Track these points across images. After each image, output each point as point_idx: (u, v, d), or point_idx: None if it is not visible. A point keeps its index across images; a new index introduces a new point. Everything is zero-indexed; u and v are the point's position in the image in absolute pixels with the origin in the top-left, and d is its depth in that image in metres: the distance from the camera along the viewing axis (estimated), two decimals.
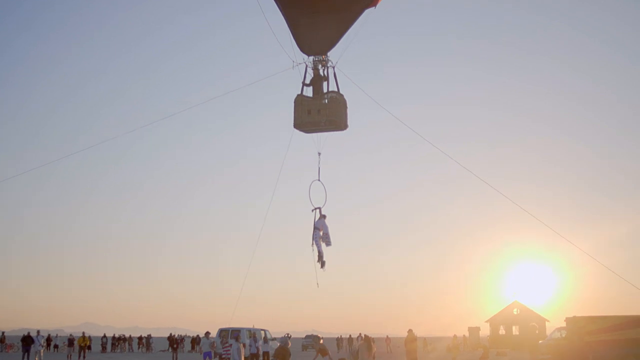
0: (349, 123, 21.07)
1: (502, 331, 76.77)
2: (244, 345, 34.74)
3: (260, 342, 37.82)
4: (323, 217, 20.37)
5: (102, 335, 67.88)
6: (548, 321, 75.85)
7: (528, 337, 73.68)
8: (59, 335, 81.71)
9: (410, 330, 28.56)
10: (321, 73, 21.14)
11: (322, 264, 20.02)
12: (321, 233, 20.32)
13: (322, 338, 59.44)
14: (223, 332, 37.98)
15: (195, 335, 73.82)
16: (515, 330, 75.62)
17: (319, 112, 20.71)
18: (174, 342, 51.24)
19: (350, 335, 66.92)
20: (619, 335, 35.10)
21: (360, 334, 68.25)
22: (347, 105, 21.14)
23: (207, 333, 33.51)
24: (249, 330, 40.24)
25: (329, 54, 21.20)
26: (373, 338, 28.39)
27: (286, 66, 21.37)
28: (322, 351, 27.23)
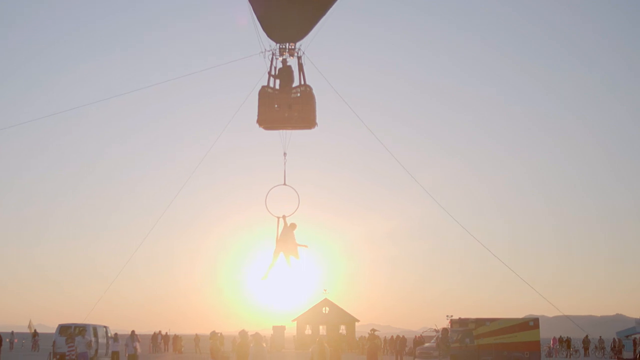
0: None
1: (308, 331, 79.17)
2: (91, 344, 33.55)
3: (111, 341, 36.67)
4: (292, 226, 19.84)
5: None
6: (358, 321, 79.71)
7: (334, 338, 76.83)
8: None
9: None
10: (289, 63, 20.65)
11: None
12: (286, 245, 19.81)
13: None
14: (65, 329, 36.52)
15: None
16: (322, 330, 78.10)
17: (290, 107, 20.17)
18: None
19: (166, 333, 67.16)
20: (505, 338, 38.57)
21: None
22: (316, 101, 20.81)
23: (83, 330, 32.13)
24: (94, 327, 38.16)
25: (298, 43, 20.79)
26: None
27: (253, 51, 20.63)
28: None
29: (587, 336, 65.26)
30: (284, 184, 20.19)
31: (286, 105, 20.15)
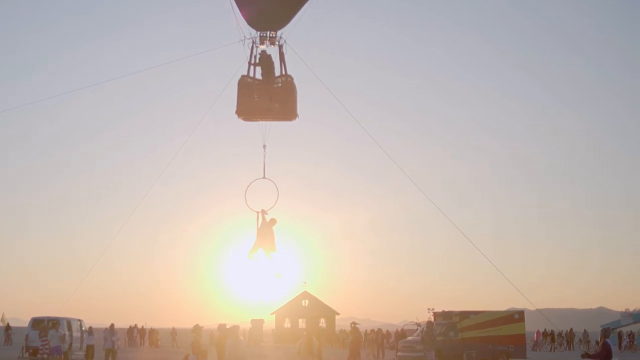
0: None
1: (287, 324, 79.18)
2: (64, 338, 33.41)
3: (86, 334, 36.47)
4: (272, 222, 19.70)
5: None
6: (338, 314, 79.76)
7: (317, 332, 76.79)
8: None
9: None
10: (268, 52, 20.47)
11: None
12: (265, 241, 19.66)
13: None
14: (37, 322, 36.33)
15: None
16: (302, 324, 78.08)
17: (271, 98, 20.03)
18: None
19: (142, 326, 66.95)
20: (490, 331, 38.59)
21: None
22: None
23: (56, 324, 31.95)
24: (68, 320, 37.95)
25: (279, 31, 20.61)
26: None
27: (232, 39, 20.45)
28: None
29: (571, 329, 65.78)
30: (264, 177, 20.09)
31: (266, 96, 20.00)
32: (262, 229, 19.62)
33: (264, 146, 20.28)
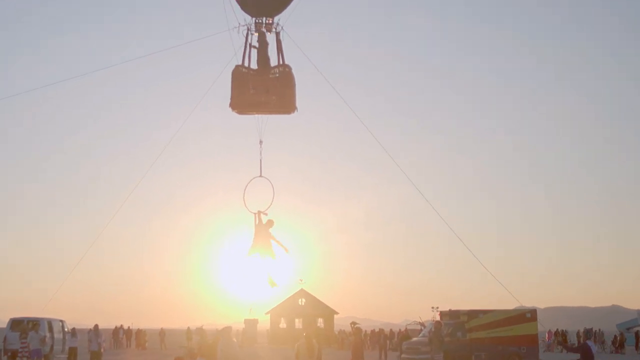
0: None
1: (283, 324, 78.87)
2: (45, 340, 33.16)
3: (68, 336, 36.20)
4: (269, 224, 19.34)
5: None
6: (337, 313, 79.43)
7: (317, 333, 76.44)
8: None
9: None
10: (267, 40, 20.08)
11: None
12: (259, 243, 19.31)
13: None
14: (17, 323, 36.20)
15: None
16: (298, 324, 77.73)
17: (268, 91, 19.63)
18: None
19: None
20: (500, 332, 38.21)
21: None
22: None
23: (36, 325, 31.73)
24: (49, 321, 37.71)
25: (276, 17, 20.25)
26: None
27: (226, 27, 20.07)
28: None
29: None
30: (260, 175, 19.76)
31: (263, 87, 19.58)
32: (258, 233, 19.29)
33: (260, 142, 19.91)
